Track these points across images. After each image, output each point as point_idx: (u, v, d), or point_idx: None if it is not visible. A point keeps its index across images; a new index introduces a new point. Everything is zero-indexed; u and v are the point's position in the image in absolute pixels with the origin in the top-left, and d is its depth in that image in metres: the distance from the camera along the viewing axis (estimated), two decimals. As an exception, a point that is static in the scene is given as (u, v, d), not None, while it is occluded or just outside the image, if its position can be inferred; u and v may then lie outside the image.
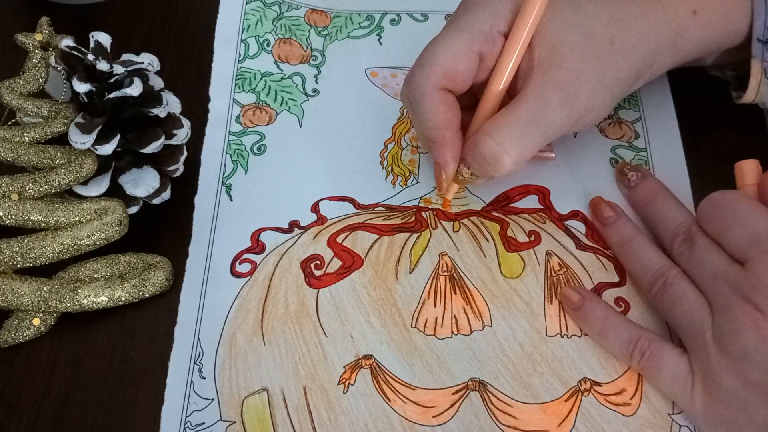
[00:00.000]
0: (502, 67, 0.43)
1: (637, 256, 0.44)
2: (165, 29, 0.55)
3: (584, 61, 0.42)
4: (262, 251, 0.46)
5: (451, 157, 0.44)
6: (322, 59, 0.54)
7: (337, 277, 0.45)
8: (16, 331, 0.43)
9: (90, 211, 0.43)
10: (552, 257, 0.46)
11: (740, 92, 0.48)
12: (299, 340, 0.43)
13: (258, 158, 0.50)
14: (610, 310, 0.42)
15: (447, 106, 0.43)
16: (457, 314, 0.44)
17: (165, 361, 0.42)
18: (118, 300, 0.43)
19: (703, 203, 0.42)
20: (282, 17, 0.55)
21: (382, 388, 0.41)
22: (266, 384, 0.42)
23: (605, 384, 0.42)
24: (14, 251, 0.41)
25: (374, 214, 0.48)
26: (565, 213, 0.47)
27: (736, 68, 0.49)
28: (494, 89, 0.43)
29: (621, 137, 0.51)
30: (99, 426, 0.41)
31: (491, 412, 0.41)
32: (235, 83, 0.52)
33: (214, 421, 0.41)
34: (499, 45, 0.43)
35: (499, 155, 0.41)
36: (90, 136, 0.42)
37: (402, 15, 0.56)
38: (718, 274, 0.39)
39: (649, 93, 0.52)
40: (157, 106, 0.44)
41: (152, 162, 0.46)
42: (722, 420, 0.39)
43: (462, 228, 0.47)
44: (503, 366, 0.42)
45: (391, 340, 0.43)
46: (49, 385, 0.42)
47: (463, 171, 0.44)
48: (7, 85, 0.43)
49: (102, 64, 0.43)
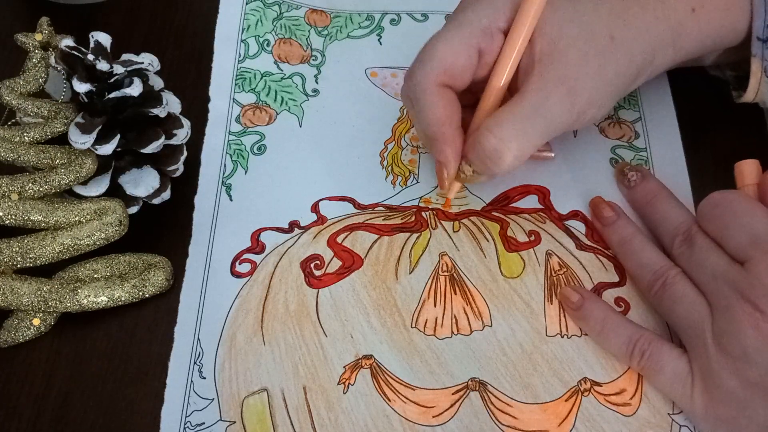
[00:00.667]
0: (503, 62, 0.43)
1: (637, 256, 0.44)
2: (165, 29, 0.55)
3: (585, 56, 0.42)
4: (262, 251, 0.46)
5: (452, 153, 0.44)
6: (322, 59, 0.54)
7: (337, 277, 0.45)
8: (16, 331, 0.43)
9: (90, 211, 0.43)
10: (552, 257, 0.46)
11: (740, 92, 0.48)
12: (299, 340, 0.43)
13: (258, 158, 0.50)
14: (610, 310, 0.42)
15: (447, 102, 0.43)
16: (457, 314, 0.44)
17: (165, 361, 0.42)
18: (118, 300, 0.43)
19: (703, 203, 0.42)
20: (282, 17, 0.55)
21: (382, 388, 0.41)
22: (266, 384, 0.42)
23: (605, 384, 0.42)
24: (14, 251, 0.41)
25: (374, 214, 0.48)
26: (565, 213, 0.48)
27: (736, 68, 0.49)
28: (495, 85, 0.43)
29: (621, 137, 0.51)
30: (99, 426, 0.41)
31: (491, 412, 0.41)
32: (235, 83, 0.52)
33: (214, 421, 0.41)
34: (498, 41, 0.43)
35: (501, 150, 0.41)
36: (90, 136, 0.42)
37: (402, 15, 0.56)
38: (718, 274, 0.39)
39: (649, 93, 0.52)
40: (157, 106, 0.44)
41: (152, 162, 0.46)
42: (722, 420, 0.39)
43: (462, 228, 0.47)
44: (503, 366, 0.42)
45: (391, 340, 0.43)
46: (49, 385, 0.42)
47: (465, 168, 0.44)
48: (7, 85, 0.43)
49: (102, 64, 0.43)
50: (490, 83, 0.43)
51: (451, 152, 0.43)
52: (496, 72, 0.43)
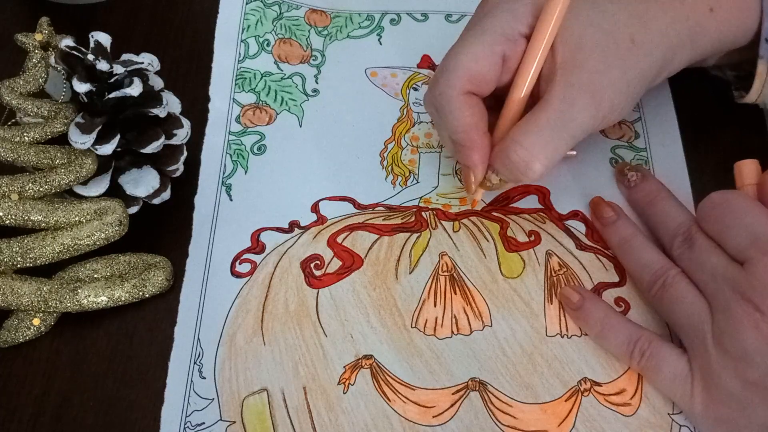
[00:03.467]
0: (525, 70, 0.42)
1: (637, 256, 0.44)
2: (165, 29, 0.55)
3: (607, 61, 0.42)
4: (262, 251, 0.46)
5: (479, 159, 0.43)
6: (322, 59, 0.54)
7: (337, 277, 0.45)
8: (16, 331, 0.43)
9: (90, 211, 0.43)
10: (552, 257, 0.46)
11: (742, 92, 0.47)
12: (299, 340, 0.43)
13: (258, 158, 0.50)
14: (609, 310, 0.43)
15: (473, 109, 0.43)
16: (457, 314, 0.44)
17: (165, 361, 0.42)
18: (118, 300, 0.43)
19: (703, 203, 0.42)
20: (282, 17, 0.55)
21: (382, 388, 0.41)
22: (266, 384, 0.42)
23: (605, 384, 0.42)
24: (14, 251, 0.41)
25: (374, 214, 0.48)
26: (565, 213, 0.48)
27: (737, 68, 0.49)
28: (517, 96, 0.43)
29: (621, 137, 0.51)
30: (99, 426, 0.41)
31: (491, 412, 0.41)
32: (235, 83, 0.52)
33: (214, 421, 0.41)
34: (521, 46, 0.43)
35: (530, 161, 0.41)
36: (90, 136, 0.42)
37: (402, 15, 0.56)
38: (718, 275, 0.39)
39: (649, 93, 0.52)
40: (157, 106, 0.44)
41: (152, 162, 0.46)
42: (722, 420, 0.39)
43: (462, 228, 0.47)
44: (503, 366, 0.42)
45: (391, 340, 0.43)
46: (49, 385, 0.42)
47: (492, 178, 0.44)
48: (7, 85, 0.43)
49: (102, 64, 0.43)
50: (512, 91, 0.43)
51: (479, 158, 0.43)
52: (519, 80, 0.43)
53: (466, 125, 0.43)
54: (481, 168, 0.44)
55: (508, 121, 0.44)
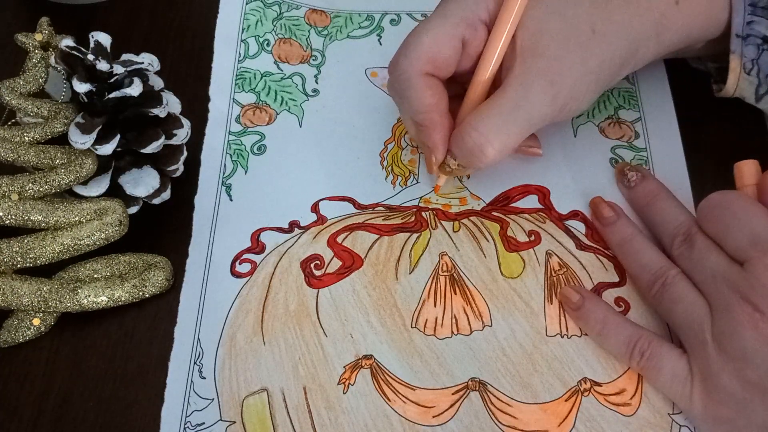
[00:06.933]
0: (488, 56, 0.43)
1: (636, 256, 0.44)
2: (165, 29, 0.55)
3: (566, 48, 0.42)
4: (262, 251, 0.46)
5: (440, 139, 0.44)
6: (322, 59, 0.54)
7: (337, 277, 0.45)
8: (16, 331, 0.43)
9: (90, 211, 0.43)
10: (552, 257, 0.46)
11: (720, 85, 0.47)
12: (299, 340, 0.43)
13: (258, 158, 0.50)
14: (609, 311, 0.42)
15: (433, 89, 0.43)
16: (457, 314, 0.44)
17: (165, 361, 0.42)
18: (118, 300, 0.43)
19: (702, 203, 0.42)
20: (282, 17, 0.55)
21: (382, 388, 0.41)
22: (266, 384, 0.42)
23: (605, 384, 0.42)
24: (14, 251, 0.41)
25: (374, 214, 0.48)
26: (565, 213, 0.48)
27: (718, 59, 0.49)
28: (480, 78, 0.44)
29: (621, 137, 0.51)
30: (99, 426, 0.41)
31: (491, 412, 0.41)
32: (235, 83, 0.52)
33: (214, 421, 0.41)
34: (481, 33, 0.43)
35: (483, 145, 0.42)
36: (90, 136, 0.42)
37: (402, 15, 0.56)
38: (718, 275, 0.39)
39: (649, 93, 0.52)
40: (157, 106, 0.44)
41: (152, 162, 0.46)
42: (721, 420, 0.39)
43: (462, 228, 0.47)
44: (503, 366, 0.42)
45: (391, 340, 0.43)
46: (49, 385, 0.42)
47: (450, 162, 0.44)
48: (7, 85, 0.43)
49: (102, 64, 0.43)
50: (475, 77, 0.44)
51: (439, 138, 0.44)
52: (481, 65, 0.44)
53: (427, 105, 0.43)
54: (441, 149, 0.44)
55: (470, 105, 0.44)
